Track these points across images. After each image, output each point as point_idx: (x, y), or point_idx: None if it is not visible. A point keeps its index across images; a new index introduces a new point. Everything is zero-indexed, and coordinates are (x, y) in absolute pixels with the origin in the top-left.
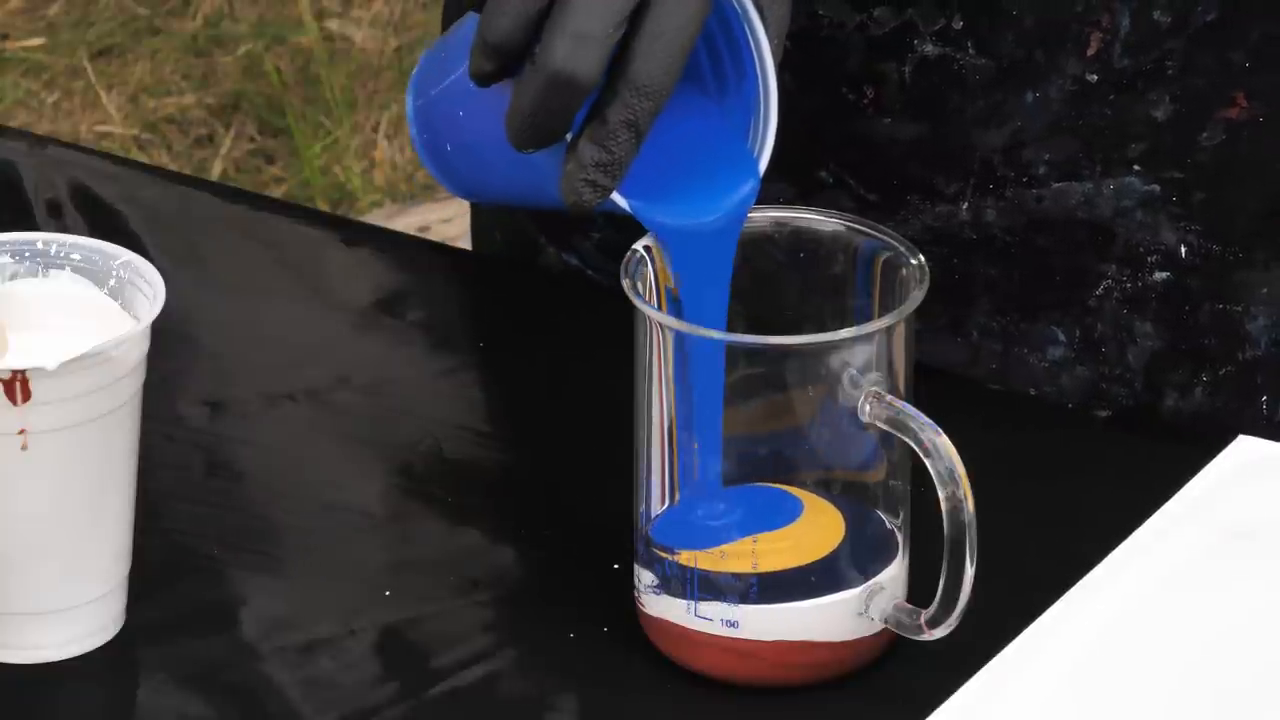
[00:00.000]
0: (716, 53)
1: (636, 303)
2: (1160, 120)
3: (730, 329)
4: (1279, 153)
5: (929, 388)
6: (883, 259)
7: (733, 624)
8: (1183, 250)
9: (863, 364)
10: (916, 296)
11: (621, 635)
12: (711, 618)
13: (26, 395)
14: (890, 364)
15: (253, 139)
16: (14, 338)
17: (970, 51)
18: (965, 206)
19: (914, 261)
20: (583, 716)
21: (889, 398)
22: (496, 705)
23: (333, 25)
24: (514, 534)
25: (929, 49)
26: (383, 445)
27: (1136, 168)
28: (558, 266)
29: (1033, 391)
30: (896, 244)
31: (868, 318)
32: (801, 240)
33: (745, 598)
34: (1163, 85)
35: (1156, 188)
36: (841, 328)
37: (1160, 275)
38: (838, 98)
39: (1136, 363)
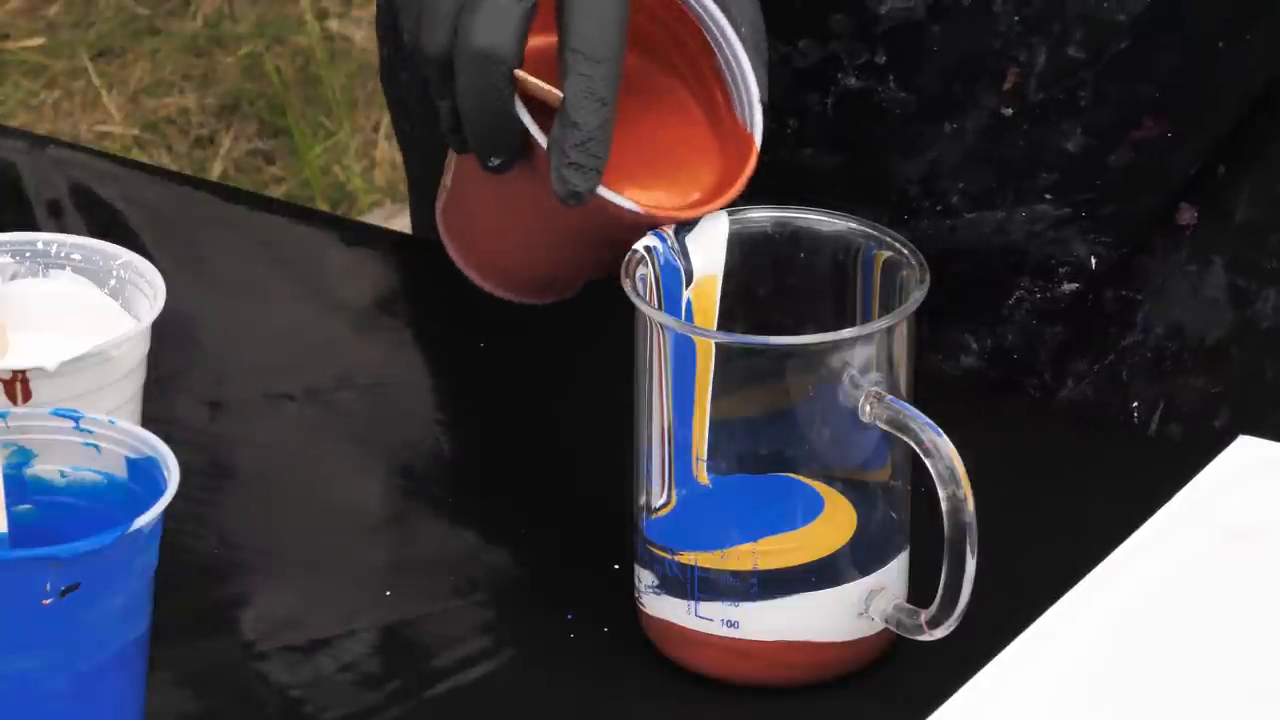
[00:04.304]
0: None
1: (636, 303)
2: (1072, 151)
3: (731, 329)
4: (1182, 161)
5: (929, 388)
6: (883, 259)
7: (733, 624)
8: (1093, 261)
9: (863, 364)
10: (917, 297)
11: (621, 635)
12: (711, 618)
13: (27, 395)
14: (890, 364)
15: (253, 139)
16: (14, 338)
17: (892, 85)
18: None
19: (915, 262)
20: (583, 716)
21: (889, 398)
22: (496, 705)
23: (333, 25)
24: (514, 534)
25: (851, 81)
26: (383, 445)
27: (1048, 196)
28: None
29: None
30: (897, 244)
31: (868, 318)
32: (802, 240)
33: (746, 597)
34: (1074, 116)
35: (1068, 210)
36: (842, 328)
37: (1069, 286)
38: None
39: (1046, 357)
